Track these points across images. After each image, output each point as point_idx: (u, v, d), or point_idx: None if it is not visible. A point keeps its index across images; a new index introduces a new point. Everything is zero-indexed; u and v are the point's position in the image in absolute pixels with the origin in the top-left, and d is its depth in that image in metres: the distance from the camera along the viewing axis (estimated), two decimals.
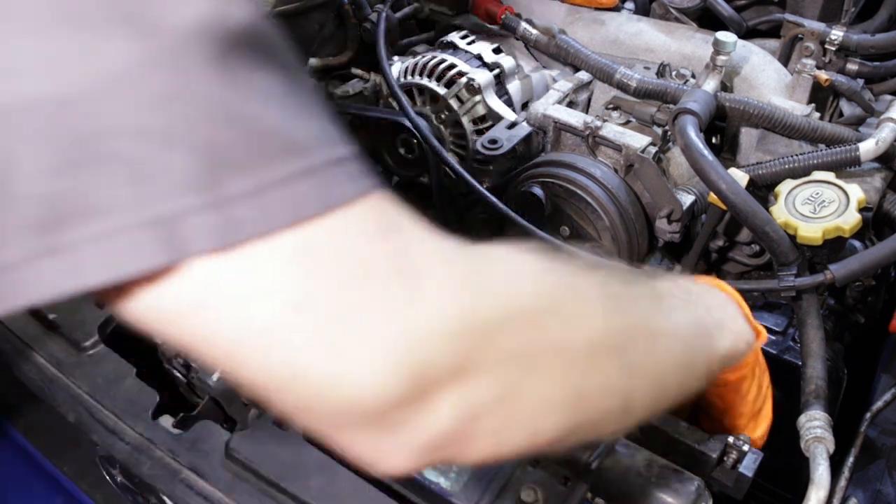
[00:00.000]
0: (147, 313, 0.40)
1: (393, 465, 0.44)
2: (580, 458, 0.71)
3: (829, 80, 1.20)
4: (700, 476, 0.75)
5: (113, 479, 0.97)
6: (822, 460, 0.81)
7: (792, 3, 1.39)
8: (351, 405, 0.40)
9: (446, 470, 0.79)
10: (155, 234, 0.36)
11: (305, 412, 0.42)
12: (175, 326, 0.40)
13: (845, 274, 0.97)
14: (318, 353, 0.39)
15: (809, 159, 1.09)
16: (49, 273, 0.37)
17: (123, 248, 0.36)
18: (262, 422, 0.86)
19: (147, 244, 0.36)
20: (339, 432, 0.43)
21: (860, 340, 1.16)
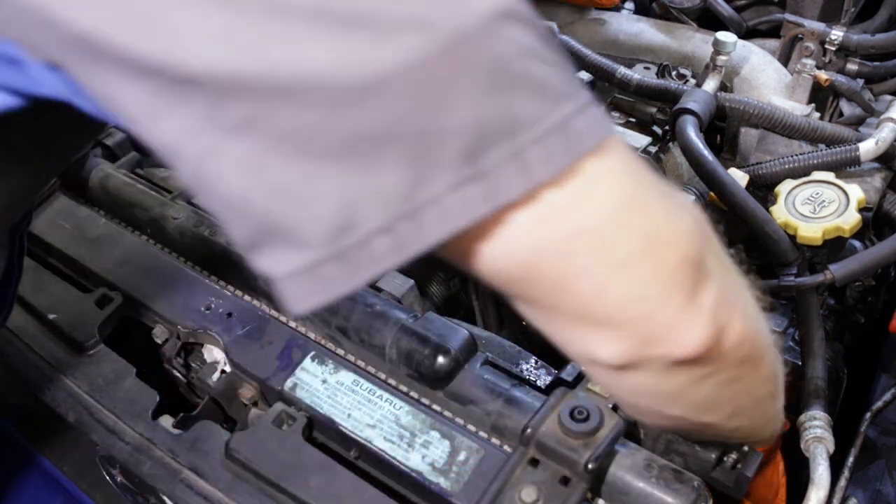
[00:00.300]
0: (531, 236, 0.45)
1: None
2: (580, 458, 0.71)
3: (829, 80, 1.20)
4: (700, 476, 0.75)
5: (113, 479, 0.97)
6: (822, 460, 0.81)
7: (792, 3, 1.39)
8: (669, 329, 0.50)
9: (446, 470, 0.79)
10: (558, 140, 0.43)
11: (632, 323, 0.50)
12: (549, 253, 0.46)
13: (845, 274, 0.97)
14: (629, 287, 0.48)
15: (809, 159, 1.09)
16: (471, 199, 0.42)
17: (534, 162, 0.42)
18: (262, 422, 0.86)
19: (554, 152, 0.43)
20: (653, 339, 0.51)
21: (860, 340, 1.16)
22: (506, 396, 0.82)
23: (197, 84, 0.39)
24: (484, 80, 0.41)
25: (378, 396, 0.85)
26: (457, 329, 0.87)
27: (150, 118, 0.42)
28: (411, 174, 0.41)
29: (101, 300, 1.02)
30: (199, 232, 1.05)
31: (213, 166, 0.42)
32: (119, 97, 0.42)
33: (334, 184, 0.41)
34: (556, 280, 0.48)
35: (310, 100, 0.39)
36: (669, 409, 0.61)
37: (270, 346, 0.92)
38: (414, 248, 0.43)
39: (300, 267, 0.44)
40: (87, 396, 0.94)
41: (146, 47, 0.39)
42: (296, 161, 0.41)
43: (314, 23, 0.38)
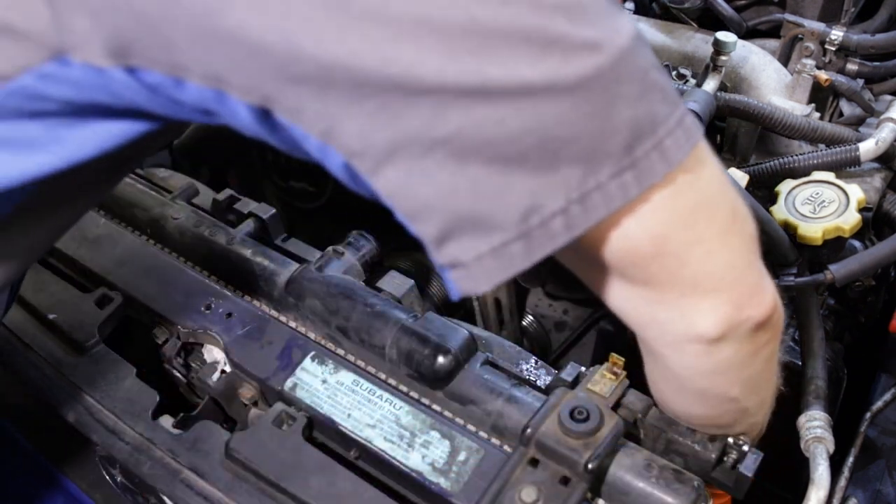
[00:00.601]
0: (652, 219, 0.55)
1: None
2: (580, 458, 0.71)
3: (829, 80, 1.20)
4: (700, 476, 0.75)
5: (113, 479, 0.97)
6: (822, 460, 0.81)
7: (792, 3, 1.39)
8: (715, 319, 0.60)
9: (446, 470, 0.79)
10: (682, 132, 0.53)
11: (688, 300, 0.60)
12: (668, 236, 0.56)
13: (845, 274, 0.97)
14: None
15: (809, 159, 1.09)
16: (627, 183, 0.52)
17: (671, 150, 0.52)
18: (262, 422, 0.86)
19: (681, 142, 0.53)
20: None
21: (860, 340, 1.16)
22: (506, 396, 0.82)
23: (425, 94, 0.47)
24: (636, 88, 0.51)
25: (378, 396, 0.85)
26: (457, 329, 0.87)
27: (368, 132, 0.49)
28: (585, 166, 0.51)
29: (101, 300, 1.02)
30: (199, 232, 1.05)
31: (422, 169, 0.50)
32: (339, 116, 0.49)
33: (526, 179, 0.50)
34: (678, 250, 0.57)
35: (514, 107, 0.48)
36: (732, 387, 0.70)
37: (270, 346, 0.92)
38: (582, 227, 0.52)
39: (490, 249, 0.52)
40: (87, 396, 0.94)
41: (385, 69, 0.47)
42: (496, 162, 0.50)
43: (518, 47, 0.47)
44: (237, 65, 0.49)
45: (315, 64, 0.47)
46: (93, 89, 0.52)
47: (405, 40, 0.46)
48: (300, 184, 1.70)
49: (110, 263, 1.05)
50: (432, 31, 0.46)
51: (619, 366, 0.79)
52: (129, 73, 0.51)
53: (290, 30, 0.47)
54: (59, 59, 0.50)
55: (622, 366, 0.79)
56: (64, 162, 0.57)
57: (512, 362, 0.90)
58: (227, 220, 1.11)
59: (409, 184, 0.51)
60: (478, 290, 0.54)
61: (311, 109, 0.49)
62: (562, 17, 0.48)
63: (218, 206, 1.12)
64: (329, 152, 0.51)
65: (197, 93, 0.51)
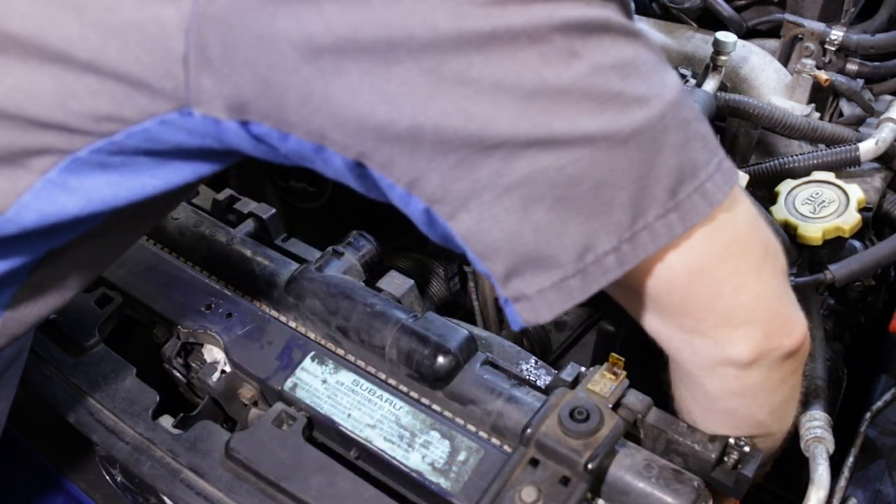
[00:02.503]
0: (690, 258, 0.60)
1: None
2: (580, 458, 0.71)
3: (828, 80, 1.20)
4: (700, 476, 0.75)
5: (113, 479, 0.97)
6: (822, 460, 0.81)
7: (792, 3, 1.39)
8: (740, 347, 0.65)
9: (446, 470, 0.79)
10: (720, 176, 0.59)
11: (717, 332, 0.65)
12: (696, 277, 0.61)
13: (845, 274, 0.97)
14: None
15: (809, 159, 1.09)
16: (672, 223, 0.57)
17: (711, 192, 0.58)
18: (262, 422, 0.86)
19: (720, 184, 0.59)
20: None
21: (860, 340, 1.16)
22: (506, 396, 0.82)
23: (497, 147, 0.54)
24: (680, 137, 0.57)
25: (378, 396, 0.85)
26: (457, 329, 0.87)
27: (448, 182, 0.55)
28: (635, 209, 0.57)
29: (101, 300, 1.02)
30: (199, 232, 1.05)
31: (492, 214, 0.56)
32: (423, 169, 0.55)
33: (582, 220, 0.56)
34: (713, 282, 0.62)
35: (573, 156, 0.54)
36: (760, 411, 0.74)
37: (270, 346, 0.92)
38: (631, 263, 0.58)
39: (551, 284, 0.58)
40: (87, 396, 0.94)
41: (467, 127, 0.53)
42: (557, 207, 0.56)
43: (580, 104, 0.54)
44: (340, 126, 0.55)
45: (409, 124, 0.53)
46: (204, 136, 0.59)
47: (484, 100, 0.53)
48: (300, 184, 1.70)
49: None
50: (507, 91, 0.53)
51: (619, 366, 0.79)
52: (242, 126, 0.58)
53: (391, 96, 0.53)
54: (182, 110, 0.57)
55: (622, 366, 0.79)
56: (164, 186, 0.64)
57: (512, 362, 0.90)
58: (227, 220, 1.11)
59: (481, 227, 0.57)
60: (539, 320, 0.60)
61: (401, 164, 0.56)
62: (617, 76, 0.55)
63: (218, 206, 1.12)
64: (412, 200, 0.58)
65: (297, 145, 0.58)
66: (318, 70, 0.53)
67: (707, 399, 0.74)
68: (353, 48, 0.52)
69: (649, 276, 0.62)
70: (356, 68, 0.52)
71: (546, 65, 0.53)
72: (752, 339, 0.65)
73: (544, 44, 0.53)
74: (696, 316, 0.65)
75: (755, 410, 0.74)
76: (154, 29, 0.54)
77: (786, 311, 0.66)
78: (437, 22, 0.51)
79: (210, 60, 0.54)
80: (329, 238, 1.08)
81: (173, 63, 0.55)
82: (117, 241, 0.76)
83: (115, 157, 0.61)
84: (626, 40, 0.56)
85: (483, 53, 0.52)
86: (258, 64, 0.54)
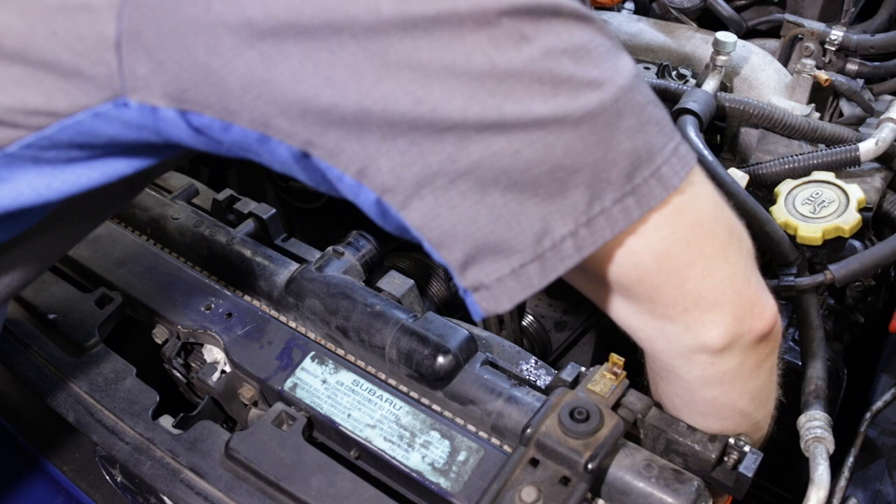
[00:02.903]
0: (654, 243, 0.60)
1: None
2: (580, 458, 0.71)
3: (828, 80, 1.20)
4: (700, 476, 0.75)
5: (113, 479, 0.97)
6: (822, 460, 0.81)
7: (792, 3, 1.39)
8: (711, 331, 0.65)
9: (446, 470, 0.79)
10: (677, 160, 0.59)
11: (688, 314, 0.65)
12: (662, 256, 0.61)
13: (845, 274, 0.97)
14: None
15: (809, 159, 1.09)
16: (629, 207, 0.57)
17: (667, 176, 0.58)
18: (262, 422, 0.86)
19: (677, 168, 0.59)
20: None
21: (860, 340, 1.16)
22: (506, 396, 0.82)
23: (450, 130, 0.53)
24: (635, 121, 0.57)
25: (378, 396, 0.85)
26: (457, 329, 0.87)
27: (399, 169, 0.54)
28: (591, 192, 0.56)
29: (101, 300, 1.02)
30: (199, 232, 1.05)
31: (447, 199, 0.55)
32: (373, 155, 0.54)
33: (538, 205, 0.56)
34: (679, 266, 0.62)
35: (527, 138, 0.54)
36: (741, 399, 0.74)
37: (270, 346, 0.92)
38: (590, 248, 0.57)
39: (509, 271, 0.57)
40: (87, 396, 0.94)
41: (417, 110, 0.52)
42: (512, 190, 0.55)
43: (531, 87, 0.53)
44: (284, 112, 0.54)
45: (355, 108, 0.52)
46: (141, 129, 0.58)
47: (433, 83, 0.52)
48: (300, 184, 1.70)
49: (110, 263, 1.05)
50: (456, 74, 0.52)
51: (619, 366, 0.79)
52: (181, 115, 0.56)
53: (336, 80, 0.52)
54: (116, 100, 0.55)
55: (622, 366, 0.79)
56: (100, 179, 0.63)
57: (512, 362, 0.90)
58: (227, 220, 1.11)
59: (436, 214, 0.56)
60: (499, 309, 0.59)
61: (349, 151, 0.55)
62: (569, 60, 0.55)
63: (218, 206, 1.12)
64: (362, 190, 0.56)
65: (241, 135, 0.56)
66: (259, 54, 0.52)
67: (686, 390, 0.74)
68: (295, 31, 0.51)
69: (615, 264, 0.62)
70: (299, 52, 0.52)
71: (496, 48, 0.53)
72: (723, 322, 0.65)
73: (493, 27, 0.52)
74: (665, 301, 0.64)
75: (735, 398, 0.74)
76: (84, 15, 0.53)
77: (755, 293, 0.67)
78: (380, 6, 0.51)
79: (145, 46, 0.53)
80: (329, 238, 1.08)
81: (105, 49, 0.53)
82: (60, 237, 0.74)
83: (48, 151, 0.59)
84: (577, 24, 0.56)
85: (430, 36, 0.52)
86: (196, 49, 0.52)
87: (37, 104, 0.56)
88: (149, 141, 0.60)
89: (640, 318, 0.68)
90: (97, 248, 1.07)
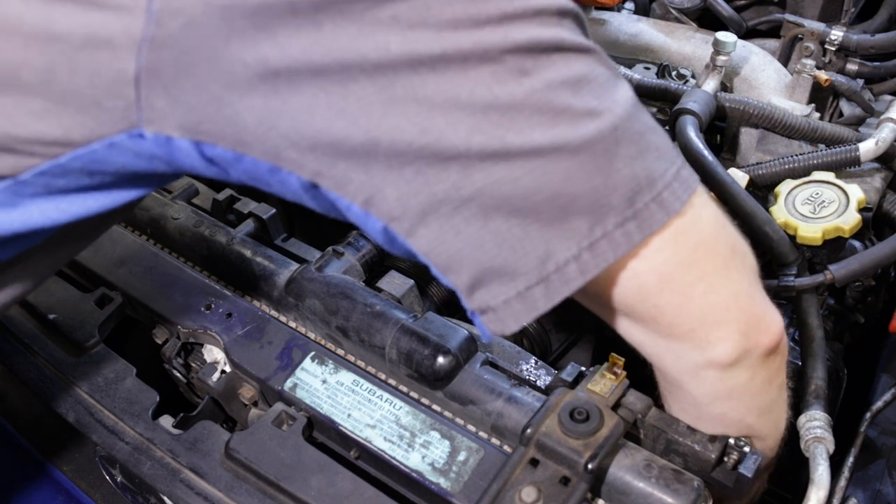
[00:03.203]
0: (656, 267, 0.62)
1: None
2: (580, 458, 0.71)
3: (828, 80, 1.20)
4: (700, 476, 0.75)
5: (113, 479, 0.97)
6: (822, 460, 0.81)
7: (792, 3, 1.39)
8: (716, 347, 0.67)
9: (446, 470, 0.79)
10: (678, 185, 0.61)
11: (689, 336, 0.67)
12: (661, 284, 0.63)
13: (845, 274, 0.97)
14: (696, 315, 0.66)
15: (809, 159, 1.09)
16: (630, 231, 0.59)
17: (668, 201, 0.60)
18: (262, 422, 0.86)
19: (678, 193, 0.61)
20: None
21: (860, 340, 1.16)
22: (506, 396, 0.82)
23: (452, 160, 0.55)
24: (634, 148, 0.59)
25: (378, 396, 0.85)
26: (457, 329, 0.87)
27: (405, 198, 0.56)
28: (592, 218, 0.58)
29: (101, 300, 1.02)
30: (199, 232, 1.05)
31: (452, 225, 0.57)
32: (380, 185, 0.56)
33: (542, 230, 0.58)
34: (682, 286, 0.64)
35: (528, 166, 0.56)
36: (749, 413, 0.75)
37: (270, 346, 0.92)
38: (594, 271, 0.59)
39: (515, 294, 0.59)
40: (87, 396, 0.94)
41: (423, 140, 0.55)
42: (515, 216, 0.57)
43: (532, 118, 0.55)
44: (295, 144, 0.56)
45: (363, 139, 0.54)
46: (152, 159, 0.59)
47: (438, 115, 0.54)
48: None
49: (110, 263, 1.05)
50: (460, 107, 0.55)
51: (619, 366, 0.79)
52: (195, 146, 0.58)
53: (346, 112, 0.54)
54: (131, 131, 0.57)
55: (622, 366, 0.79)
56: (108, 205, 0.65)
57: (512, 362, 0.90)
58: (227, 220, 1.11)
59: (441, 241, 0.58)
60: (506, 330, 0.61)
61: (356, 181, 0.57)
62: (568, 92, 0.57)
63: (218, 206, 1.12)
64: (370, 219, 0.58)
65: (252, 165, 0.58)
66: (274, 89, 0.54)
67: (695, 406, 0.75)
68: (308, 69, 0.53)
69: (619, 286, 0.63)
70: (312, 87, 0.54)
71: (498, 82, 0.55)
72: (730, 338, 0.66)
73: (496, 63, 0.55)
74: (670, 320, 0.66)
75: (744, 413, 0.75)
76: (105, 52, 0.54)
77: (760, 308, 0.68)
78: (389, 45, 0.53)
79: (163, 82, 0.54)
80: (329, 238, 1.08)
81: (124, 84, 0.55)
82: (60, 254, 0.76)
83: (59, 178, 0.61)
84: (577, 57, 0.58)
85: (436, 72, 0.54)
86: (213, 85, 0.54)
87: (55, 136, 0.58)
88: (157, 170, 0.62)
89: (647, 336, 0.69)
90: (97, 248, 1.07)
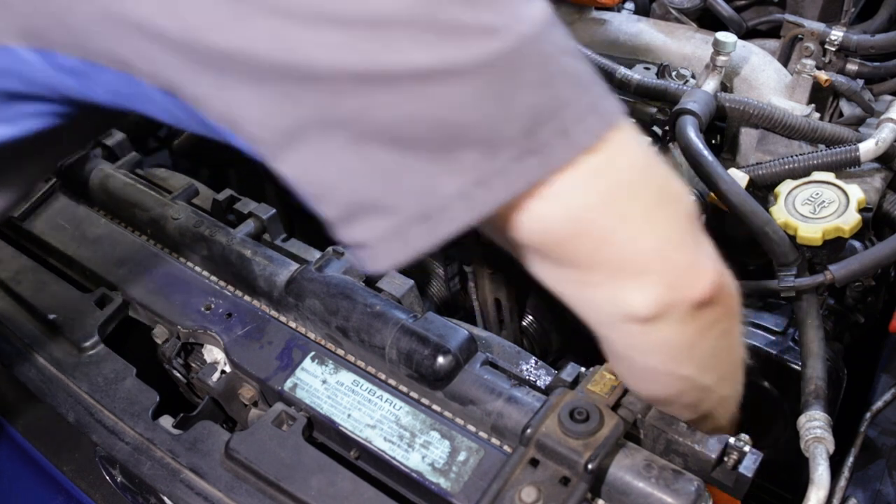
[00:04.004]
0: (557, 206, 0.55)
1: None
2: (580, 458, 0.71)
3: (828, 80, 1.20)
4: (700, 476, 0.75)
5: (113, 479, 0.97)
6: (822, 460, 0.81)
7: (792, 3, 1.39)
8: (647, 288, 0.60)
9: (446, 470, 0.79)
10: (592, 118, 0.54)
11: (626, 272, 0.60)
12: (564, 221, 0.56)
13: (845, 274, 0.97)
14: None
15: (809, 159, 1.09)
16: (530, 167, 0.52)
17: (576, 134, 0.53)
18: (262, 422, 0.86)
19: (590, 126, 0.53)
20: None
21: (860, 340, 1.16)
22: (506, 396, 0.82)
23: (322, 80, 0.49)
24: (540, 74, 0.52)
25: (378, 397, 0.85)
26: (457, 329, 0.87)
27: (268, 119, 0.51)
28: (483, 151, 0.52)
29: (101, 300, 1.02)
30: (199, 232, 1.05)
31: (320, 153, 0.52)
32: (239, 103, 0.51)
33: (423, 163, 0.52)
34: (599, 231, 0.57)
35: (408, 92, 0.49)
36: (682, 366, 0.68)
37: (270, 346, 0.92)
38: (483, 210, 0.53)
39: (390, 229, 0.54)
40: (87, 396, 0.94)
41: (284, 57, 0.48)
42: (393, 147, 0.51)
43: (412, 35, 0.49)
44: (141, 51, 0.51)
45: (215, 51, 0.49)
46: (9, 76, 0.55)
47: (303, 29, 0.48)
48: None
49: (110, 263, 1.05)
50: (329, 20, 0.48)
51: None
52: (44, 57, 0.53)
53: (193, 19, 0.49)
54: None
55: None
56: (17, 133, 0.61)
57: (512, 362, 0.90)
58: (227, 220, 1.11)
59: (311, 167, 0.53)
60: (382, 267, 0.56)
61: (213, 97, 0.52)
62: (458, 4, 0.49)
63: (218, 206, 1.12)
64: (240, 141, 0.54)
65: (113, 78, 0.54)
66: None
67: (619, 359, 0.71)
68: None
69: (525, 229, 0.57)
70: None
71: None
72: (650, 290, 0.60)
73: None
74: (585, 268, 0.60)
75: (675, 366, 0.69)
76: None
77: (688, 258, 0.61)
78: None
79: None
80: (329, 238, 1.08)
81: None
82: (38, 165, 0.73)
83: None
84: None
85: None
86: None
87: None
88: (20, 92, 0.57)
89: (564, 284, 0.63)
90: (97, 248, 1.07)
